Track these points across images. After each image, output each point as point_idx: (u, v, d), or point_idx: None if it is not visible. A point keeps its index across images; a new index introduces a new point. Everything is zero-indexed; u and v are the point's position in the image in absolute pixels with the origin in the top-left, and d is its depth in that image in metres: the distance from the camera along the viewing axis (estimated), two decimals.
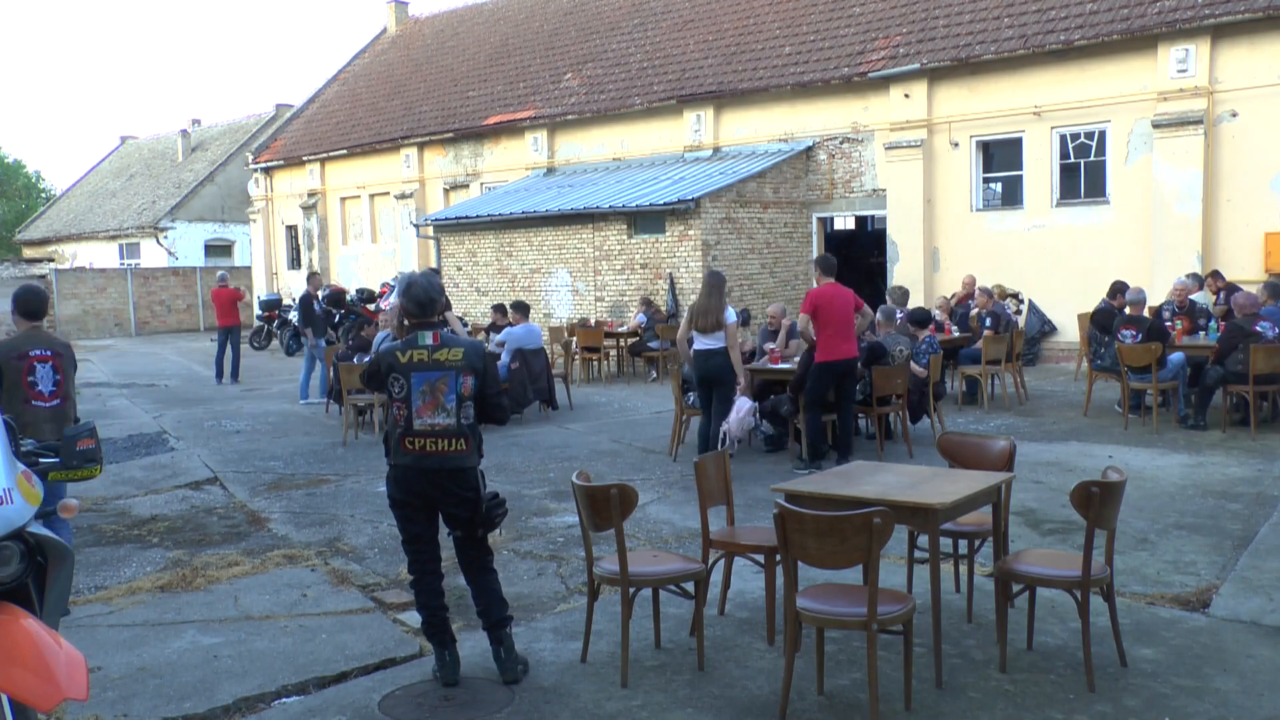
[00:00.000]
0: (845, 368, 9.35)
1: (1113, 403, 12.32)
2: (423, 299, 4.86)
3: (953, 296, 15.65)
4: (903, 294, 12.82)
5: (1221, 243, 15.90)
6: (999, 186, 18.46)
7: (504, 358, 12.83)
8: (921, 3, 19.36)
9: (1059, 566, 4.73)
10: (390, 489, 4.85)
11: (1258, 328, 10.54)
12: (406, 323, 4.93)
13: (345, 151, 28.52)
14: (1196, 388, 11.07)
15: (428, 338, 4.77)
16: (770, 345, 11.16)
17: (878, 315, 11.03)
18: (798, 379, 9.69)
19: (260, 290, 31.58)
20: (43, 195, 57.72)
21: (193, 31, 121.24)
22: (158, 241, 37.95)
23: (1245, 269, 15.39)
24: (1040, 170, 17.43)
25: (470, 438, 4.76)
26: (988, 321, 13.59)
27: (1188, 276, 13.35)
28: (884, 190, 18.99)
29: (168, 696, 4.75)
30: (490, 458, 10.49)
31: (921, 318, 11.75)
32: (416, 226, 25.29)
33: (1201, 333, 12.14)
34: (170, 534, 7.83)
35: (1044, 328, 17.30)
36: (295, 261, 31.33)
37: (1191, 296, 12.67)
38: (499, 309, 14.83)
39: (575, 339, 16.75)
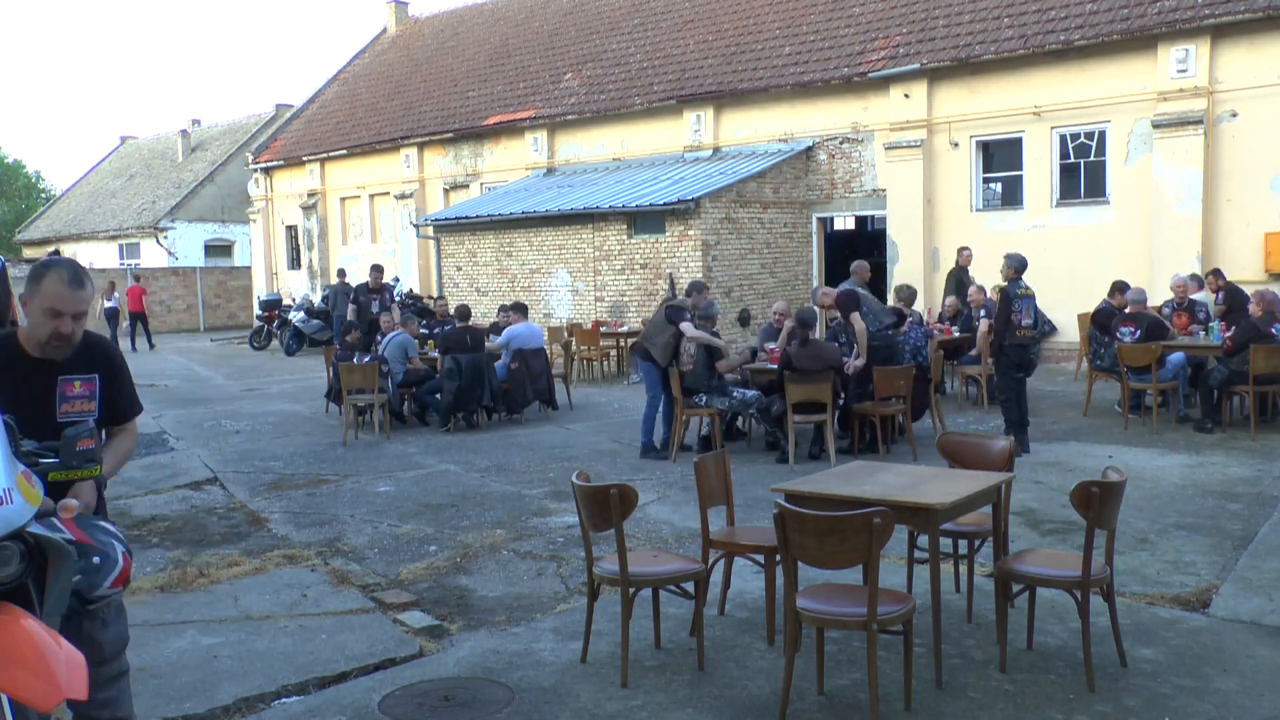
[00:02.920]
0: None
1: (1113, 403, 12.32)
2: (1019, 266, 10.05)
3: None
4: (910, 293, 12.72)
5: (1221, 243, 15.90)
6: (999, 186, 18.46)
7: (504, 357, 12.83)
8: (921, 3, 19.36)
9: (1059, 566, 4.73)
10: (1009, 360, 10.07)
11: (1274, 329, 10.48)
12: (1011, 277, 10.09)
13: (345, 151, 28.52)
14: (1199, 389, 11.02)
15: (1022, 284, 10.01)
16: (771, 345, 11.18)
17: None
18: (776, 380, 9.90)
19: (260, 291, 31.57)
20: (43, 195, 57.71)
21: (193, 31, 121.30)
22: (158, 241, 37.95)
23: (1245, 269, 15.38)
24: (1040, 170, 17.43)
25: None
26: (980, 314, 13.54)
27: (1189, 276, 13.34)
28: (884, 190, 18.99)
29: (168, 696, 4.75)
30: (490, 458, 10.54)
31: (907, 296, 12.12)
32: (416, 226, 25.29)
33: (1202, 332, 12.12)
34: (170, 534, 7.83)
35: (1044, 328, 17.28)
36: (295, 261, 31.32)
37: (1192, 296, 12.66)
38: (504, 309, 14.87)
39: (574, 339, 16.76)
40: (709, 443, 10.36)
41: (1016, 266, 10.13)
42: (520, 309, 13.57)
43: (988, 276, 16.42)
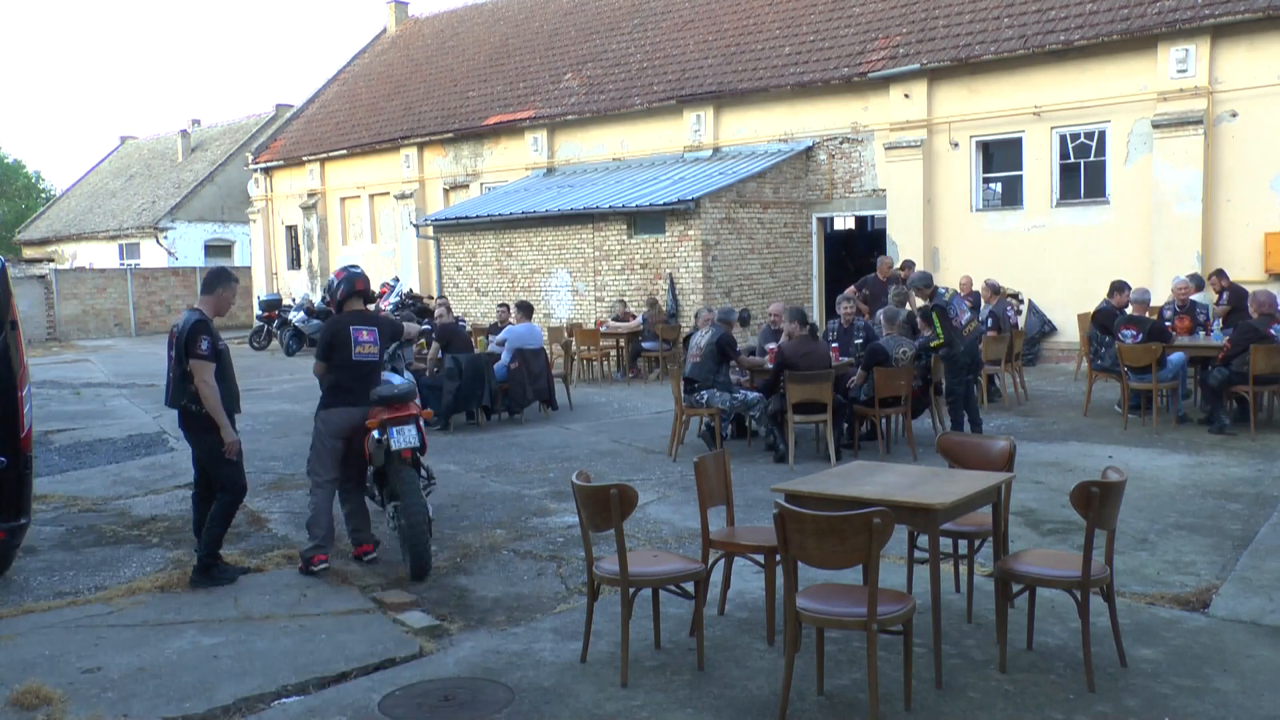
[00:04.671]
0: None
1: (1113, 403, 12.31)
2: (928, 282, 10.78)
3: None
4: (900, 296, 12.79)
5: (1221, 243, 15.89)
6: (999, 186, 18.46)
7: (504, 357, 12.82)
8: (921, 3, 19.35)
9: (1059, 566, 4.73)
10: (962, 362, 10.25)
11: (1272, 330, 10.46)
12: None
13: (345, 151, 28.51)
14: (1201, 390, 11.01)
15: (943, 291, 10.57)
16: (771, 345, 11.17)
17: (879, 316, 11.03)
18: (768, 381, 9.92)
19: (260, 291, 31.56)
20: (43, 195, 57.68)
21: (193, 31, 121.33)
22: (158, 241, 37.94)
23: (1245, 269, 15.38)
24: (1040, 170, 17.43)
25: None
26: (989, 322, 13.57)
27: (1188, 277, 13.34)
28: (884, 190, 18.99)
29: (168, 696, 4.75)
30: (490, 458, 10.54)
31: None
32: (416, 226, 25.29)
33: (1203, 332, 12.12)
34: (170, 534, 7.83)
35: (1044, 328, 17.30)
36: (295, 262, 31.31)
37: (1192, 298, 12.66)
38: (504, 308, 14.86)
39: (574, 339, 16.77)
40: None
41: (926, 283, 10.92)
42: (525, 308, 13.57)
43: (984, 277, 16.46)
